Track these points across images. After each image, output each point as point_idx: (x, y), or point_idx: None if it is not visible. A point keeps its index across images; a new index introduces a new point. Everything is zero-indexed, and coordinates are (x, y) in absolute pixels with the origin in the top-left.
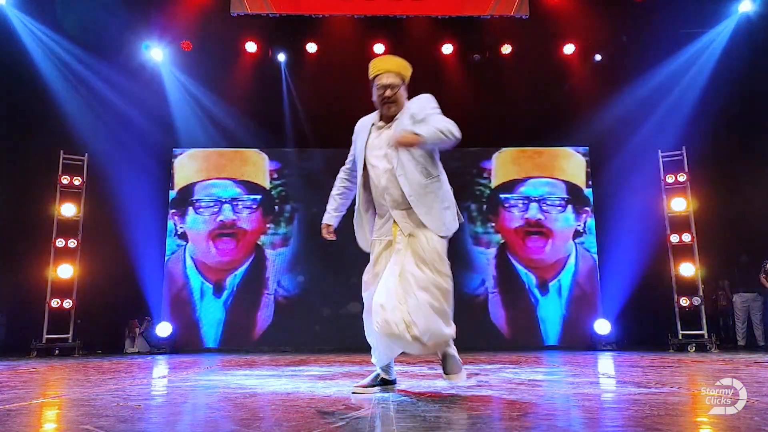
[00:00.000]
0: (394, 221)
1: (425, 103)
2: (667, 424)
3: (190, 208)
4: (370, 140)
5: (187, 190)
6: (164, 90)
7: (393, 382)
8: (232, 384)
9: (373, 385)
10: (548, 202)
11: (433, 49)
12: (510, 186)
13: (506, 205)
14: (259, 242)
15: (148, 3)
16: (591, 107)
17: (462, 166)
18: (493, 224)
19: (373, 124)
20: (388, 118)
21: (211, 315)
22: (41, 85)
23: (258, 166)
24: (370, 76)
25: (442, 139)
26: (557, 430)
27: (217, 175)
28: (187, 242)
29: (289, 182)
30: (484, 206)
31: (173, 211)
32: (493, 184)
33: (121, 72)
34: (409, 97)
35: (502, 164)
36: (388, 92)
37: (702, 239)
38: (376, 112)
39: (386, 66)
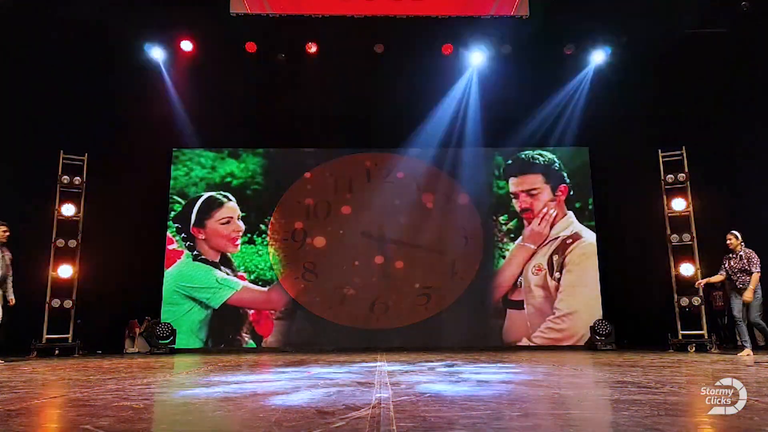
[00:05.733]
0: None
1: None
2: (667, 424)
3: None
4: None
5: (187, 190)
6: (164, 90)
7: None
8: (232, 384)
9: None
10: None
11: (433, 49)
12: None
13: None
14: None
15: (148, 3)
16: (591, 107)
17: (461, 166)
18: None
19: None
20: None
21: (211, 315)
22: (41, 85)
23: (257, 166)
24: None
25: None
26: (557, 430)
27: (217, 175)
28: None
29: (288, 182)
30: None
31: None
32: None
33: (121, 72)
34: None
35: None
36: None
37: (702, 239)
38: None
39: None
